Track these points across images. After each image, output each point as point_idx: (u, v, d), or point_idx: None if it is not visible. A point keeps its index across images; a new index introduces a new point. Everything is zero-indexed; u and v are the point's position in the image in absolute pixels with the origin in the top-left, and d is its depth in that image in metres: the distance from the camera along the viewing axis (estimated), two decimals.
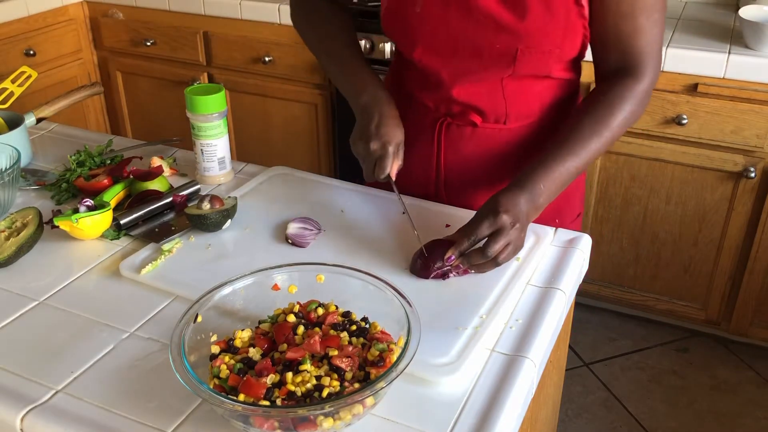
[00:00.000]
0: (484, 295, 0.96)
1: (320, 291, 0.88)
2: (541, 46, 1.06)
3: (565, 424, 2.07)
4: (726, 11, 2.28)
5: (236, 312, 0.87)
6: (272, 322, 0.84)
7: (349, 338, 0.80)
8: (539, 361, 0.88)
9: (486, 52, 1.08)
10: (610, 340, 2.40)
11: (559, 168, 1.03)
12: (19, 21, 2.52)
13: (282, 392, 0.72)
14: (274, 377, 0.74)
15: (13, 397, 0.81)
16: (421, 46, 1.13)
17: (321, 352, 0.77)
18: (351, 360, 0.76)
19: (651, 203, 2.15)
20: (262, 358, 0.78)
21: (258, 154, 2.64)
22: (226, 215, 1.10)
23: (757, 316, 2.18)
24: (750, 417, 2.09)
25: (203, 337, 0.81)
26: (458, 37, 1.09)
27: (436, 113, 1.20)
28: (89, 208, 1.08)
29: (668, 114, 1.99)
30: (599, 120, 1.06)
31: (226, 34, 2.51)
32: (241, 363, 0.77)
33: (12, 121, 1.35)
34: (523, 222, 0.99)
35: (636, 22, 1.05)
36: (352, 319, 0.84)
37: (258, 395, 0.72)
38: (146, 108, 2.84)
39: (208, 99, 1.21)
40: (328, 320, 0.82)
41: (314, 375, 0.74)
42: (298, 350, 0.77)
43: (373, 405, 0.75)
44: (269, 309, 0.86)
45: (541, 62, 1.09)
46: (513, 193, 1.00)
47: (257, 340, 0.80)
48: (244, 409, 0.69)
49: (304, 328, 0.81)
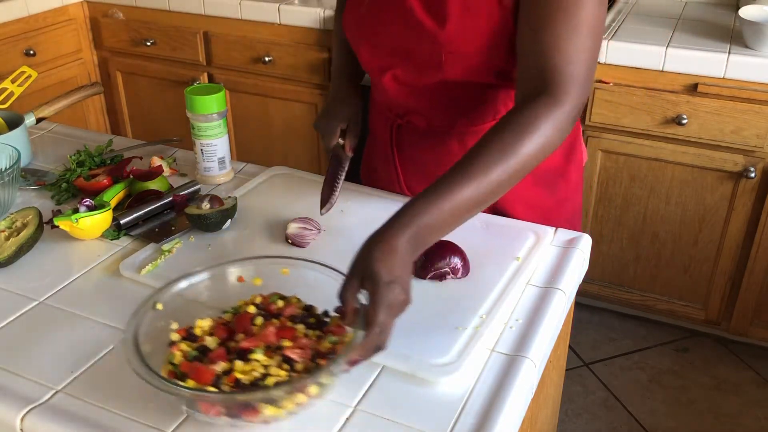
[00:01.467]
0: (484, 295, 0.96)
1: (287, 284, 0.88)
2: (462, 51, 1.04)
3: (565, 424, 2.07)
4: (726, 11, 2.28)
5: (202, 302, 0.88)
6: (234, 313, 0.85)
7: (306, 330, 0.81)
8: (539, 361, 0.88)
9: (416, 56, 1.08)
10: (610, 340, 2.40)
11: (451, 200, 0.85)
12: (19, 21, 2.52)
13: (229, 379, 0.73)
14: (225, 365, 0.75)
15: (13, 397, 0.81)
16: (365, 46, 1.15)
17: (275, 342, 0.78)
18: (303, 351, 0.77)
19: (651, 203, 2.15)
20: (219, 347, 0.79)
21: (258, 154, 2.64)
22: (226, 215, 1.10)
23: (757, 316, 2.18)
24: (750, 417, 2.09)
25: (164, 324, 0.82)
26: (394, 41, 1.10)
27: (389, 114, 1.23)
28: (89, 208, 1.08)
29: (668, 114, 1.99)
30: (506, 146, 0.90)
31: (226, 34, 2.51)
32: (197, 351, 0.78)
33: (12, 121, 1.35)
34: (397, 274, 0.80)
35: (555, 35, 0.94)
36: (313, 312, 0.84)
37: (206, 381, 0.73)
38: (146, 108, 2.84)
39: (208, 99, 1.21)
40: (287, 312, 0.83)
41: (265, 364, 0.75)
42: (252, 340, 0.78)
43: (318, 395, 0.75)
44: (234, 301, 0.87)
45: (470, 67, 1.06)
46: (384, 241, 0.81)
47: (216, 330, 0.81)
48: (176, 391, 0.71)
49: (263, 320, 0.82)
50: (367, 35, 1.13)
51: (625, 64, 2.00)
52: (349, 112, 1.23)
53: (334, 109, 1.23)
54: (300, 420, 0.77)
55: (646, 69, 1.99)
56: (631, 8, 2.31)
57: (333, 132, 1.20)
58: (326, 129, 1.21)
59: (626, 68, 2.00)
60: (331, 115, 1.23)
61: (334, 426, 0.77)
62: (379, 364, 0.85)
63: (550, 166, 1.20)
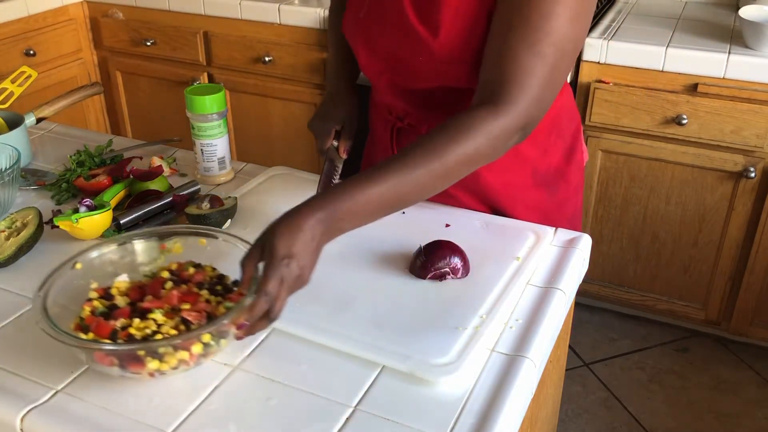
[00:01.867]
0: (484, 295, 0.96)
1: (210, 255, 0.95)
2: (458, 59, 1.03)
3: (565, 424, 2.07)
4: (726, 11, 2.28)
5: (124, 266, 0.94)
6: (151, 277, 0.92)
7: (209, 296, 0.87)
8: (539, 361, 0.88)
9: (412, 63, 1.08)
10: (610, 340, 2.40)
11: (367, 192, 0.86)
12: (19, 21, 2.52)
13: (123, 334, 0.80)
14: (124, 321, 0.82)
15: (13, 397, 0.81)
16: (363, 50, 1.14)
17: (178, 305, 0.84)
18: (199, 314, 0.83)
19: (651, 203, 2.15)
20: (127, 306, 0.85)
21: (258, 154, 2.64)
22: (226, 215, 1.10)
23: (757, 316, 2.18)
24: (750, 417, 2.09)
25: (84, 283, 0.89)
26: (391, 47, 1.09)
27: (389, 117, 1.22)
28: (89, 208, 1.08)
29: (668, 114, 1.99)
30: (434, 149, 0.89)
31: (226, 34, 2.51)
32: (107, 308, 0.85)
33: (12, 121, 1.35)
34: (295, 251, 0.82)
35: (513, 46, 0.91)
36: (224, 281, 0.90)
37: (104, 335, 0.80)
38: (146, 108, 2.84)
39: (208, 99, 1.21)
40: (195, 279, 0.89)
41: (160, 323, 0.82)
42: (155, 301, 0.85)
43: (203, 353, 0.80)
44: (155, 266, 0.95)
45: (466, 75, 1.04)
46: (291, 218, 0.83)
47: (131, 291, 0.88)
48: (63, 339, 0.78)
49: (173, 284, 0.88)
50: (365, 40, 1.13)
51: (625, 64, 2.00)
52: (344, 114, 1.22)
53: (329, 110, 1.22)
54: (300, 420, 0.77)
55: (646, 69, 1.99)
56: (631, 8, 2.31)
57: (327, 133, 1.19)
58: (320, 130, 1.20)
59: (626, 68, 2.00)
60: (326, 116, 1.21)
61: (334, 426, 0.77)
62: (379, 364, 0.85)
63: (551, 167, 1.20)
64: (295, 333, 0.89)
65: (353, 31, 1.15)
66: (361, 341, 0.87)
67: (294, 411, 0.79)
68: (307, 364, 0.85)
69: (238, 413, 0.79)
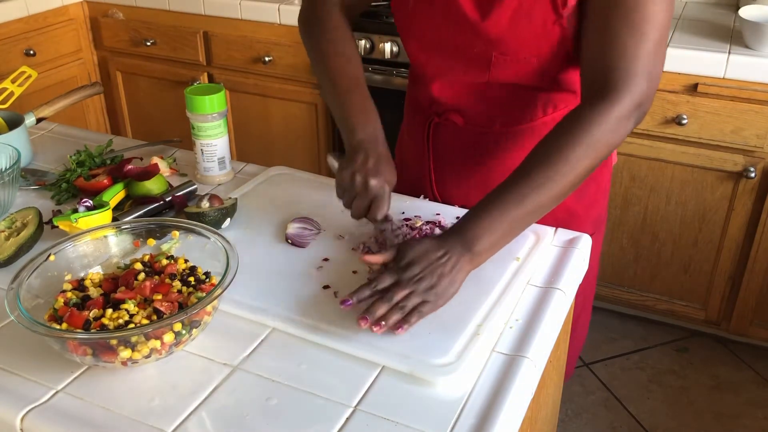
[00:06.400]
0: (484, 295, 0.96)
1: (187, 248, 0.96)
2: (515, 54, 1.04)
3: (565, 424, 2.07)
4: (726, 11, 2.28)
5: (98, 258, 0.96)
6: (125, 268, 0.93)
7: (181, 287, 0.88)
8: (539, 361, 0.88)
9: (464, 54, 1.08)
10: (610, 340, 2.40)
11: (504, 216, 0.92)
12: (19, 21, 2.52)
13: (96, 324, 0.81)
14: (97, 312, 0.83)
15: (13, 397, 0.81)
16: (414, 41, 1.14)
17: (150, 296, 0.86)
18: (171, 305, 0.84)
19: (651, 203, 2.15)
20: (99, 297, 0.86)
21: (258, 154, 2.64)
22: (225, 213, 1.10)
23: (757, 316, 2.18)
24: (750, 417, 2.09)
25: (58, 275, 0.91)
26: (441, 37, 1.09)
27: (428, 111, 1.21)
28: (89, 208, 1.08)
29: (668, 114, 1.99)
30: (557, 155, 0.93)
31: (226, 34, 2.51)
32: (81, 299, 0.86)
33: (12, 121, 1.35)
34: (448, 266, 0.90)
35: (614, 34, 0.94)
36: (196, 273, 0.91)
37: (77, 325, 0.81)
38: (146, 108, 2.84)
39: (208, 99, 1.21)
40: (167, 270, 0.90)
41: (132, 313, 0.83)
42: (127, 292, 0.86)
43: (174, 344, 0.82)
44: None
45: (520, 71, 1.06)
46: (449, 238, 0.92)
47: (104, 282, 0.89)
48: (45, 332, 0.78)
49: (146, 276, 0.89)
50: (416, 31, 1.12)
51: None
52: (395, 177, 1.06)
53: (384, 168, 1.03)
54: (300, 420, 0.77)
55: None
56: None
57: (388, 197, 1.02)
58: (380, 193, 1.01)
59: None
60: (382, 173, 1.02)
61: (334, 426, 0.77)
62: (379, 364, 0.85)
63: None
64: (295, 333, 0.89)
65: (403, 24, 1.14)
66: (361, 341, 0.87)
67: (294, 411, 0.79)
68: (307, 364, 0.85)
69: (238, 413, 0.79)
